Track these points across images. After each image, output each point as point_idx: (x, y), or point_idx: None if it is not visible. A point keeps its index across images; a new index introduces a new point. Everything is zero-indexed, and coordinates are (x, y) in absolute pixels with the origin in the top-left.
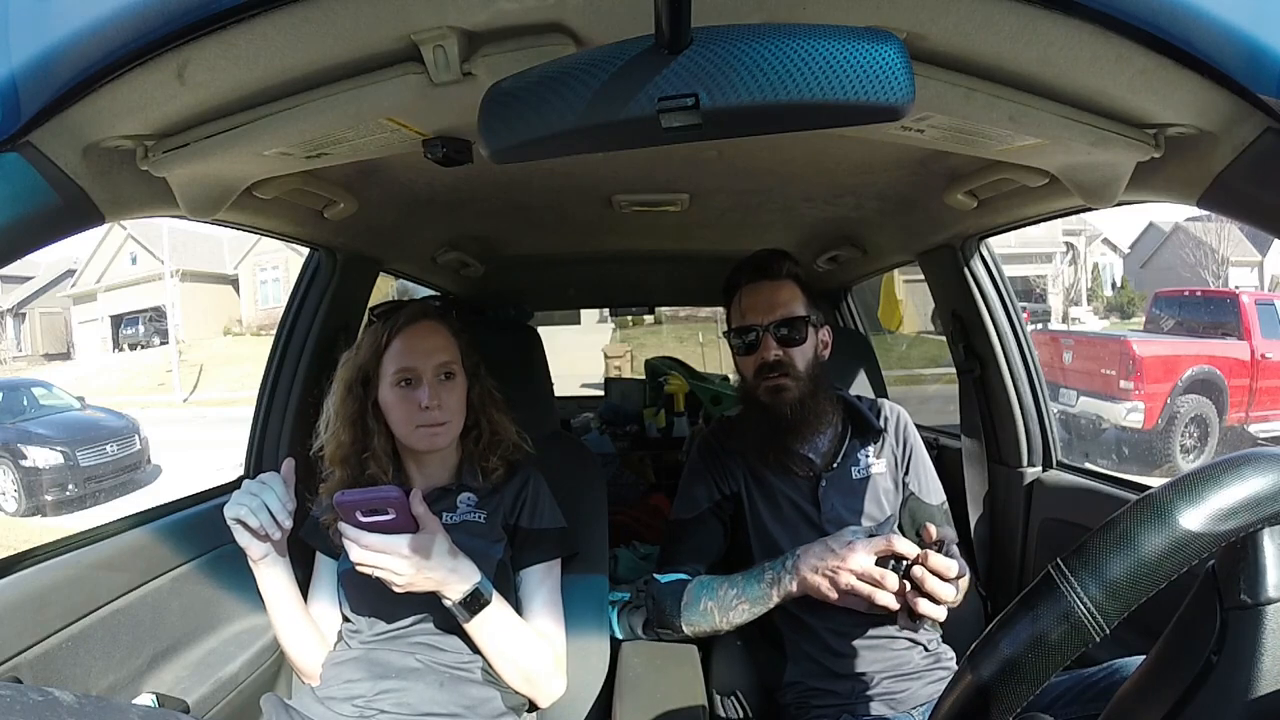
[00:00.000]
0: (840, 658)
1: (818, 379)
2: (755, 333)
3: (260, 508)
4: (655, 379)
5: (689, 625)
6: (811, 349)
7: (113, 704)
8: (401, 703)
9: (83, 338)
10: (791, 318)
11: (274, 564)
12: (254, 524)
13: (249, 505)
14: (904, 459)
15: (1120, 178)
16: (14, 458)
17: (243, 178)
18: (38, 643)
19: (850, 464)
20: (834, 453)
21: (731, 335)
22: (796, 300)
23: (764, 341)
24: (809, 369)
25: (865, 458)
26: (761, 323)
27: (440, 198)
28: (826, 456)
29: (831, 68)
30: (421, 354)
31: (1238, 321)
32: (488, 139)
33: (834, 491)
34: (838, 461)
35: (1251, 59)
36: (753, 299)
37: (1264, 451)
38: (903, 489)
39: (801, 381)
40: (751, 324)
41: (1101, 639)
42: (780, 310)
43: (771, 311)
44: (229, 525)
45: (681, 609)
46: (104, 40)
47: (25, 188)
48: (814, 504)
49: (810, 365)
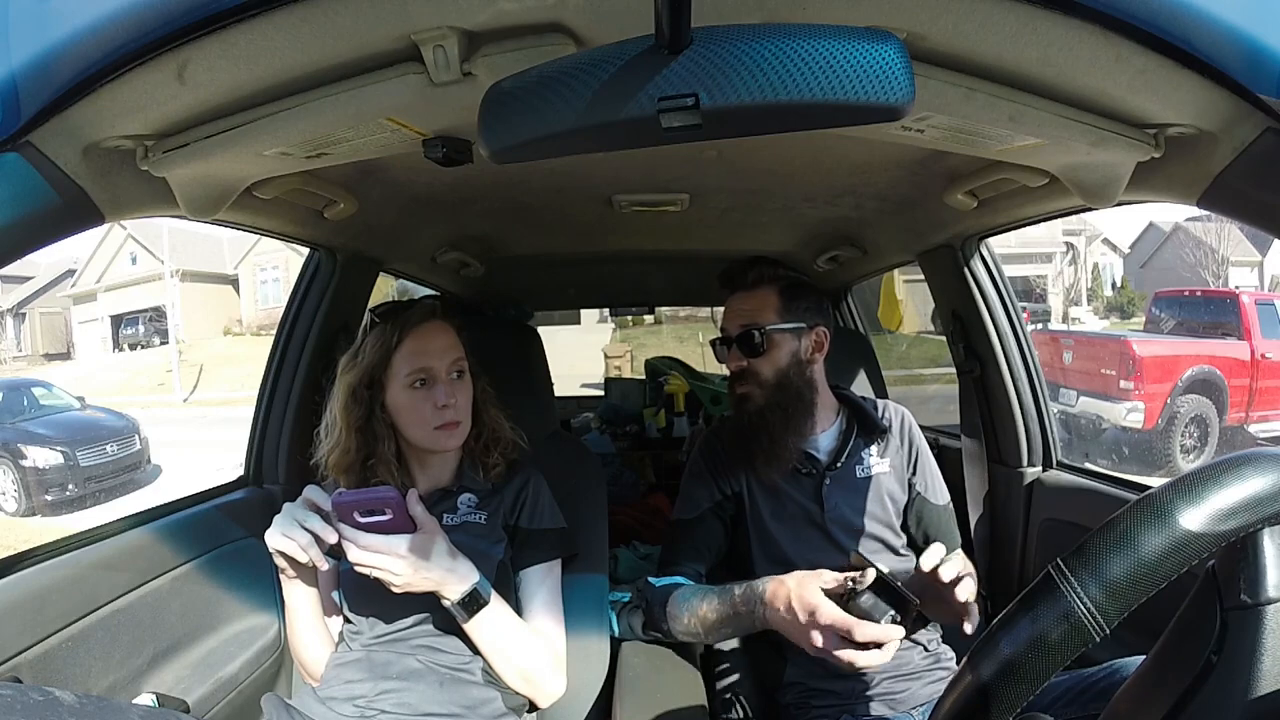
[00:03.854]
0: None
1: (790, 386)
2: (722, 343)
3: (311, 543)
4: (655, 379)
5: (678, 634)
6: (784, 357)
7: (113, 704)
8: (402, 703)
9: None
10: (752, 329)
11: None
12: (303, 559)
13: (299, 541)
14: (909, 460)
15: (1120, 178)
16: (14, 457)
17: (243, 178)
18: (38, 643)
19: (854, 463)
20: (839, 451)
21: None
22: (766, 309)
23: (730, 352)
24: (779, 377)
25: (869, 457)
26: (728, 333)
27: (440, 198)
28: (831, 455)
29: (831, 68)
30: (435, 353)
31: (1238, 321)
32: (487, 139)
33: (837, 490)
34: (842, 460)
35: (1251, 59)
36: (727, 309)
37: (1264, 451)
38: (908, 490)
39: (767, 390)
40: (722, 334)
41: (1101, 639)
42: (742, 320)
43: (735, 322)
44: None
45: (668, 617)
46: (104, 40)
47: (25, 188)
48: (817, 503)
49: (780, 373)
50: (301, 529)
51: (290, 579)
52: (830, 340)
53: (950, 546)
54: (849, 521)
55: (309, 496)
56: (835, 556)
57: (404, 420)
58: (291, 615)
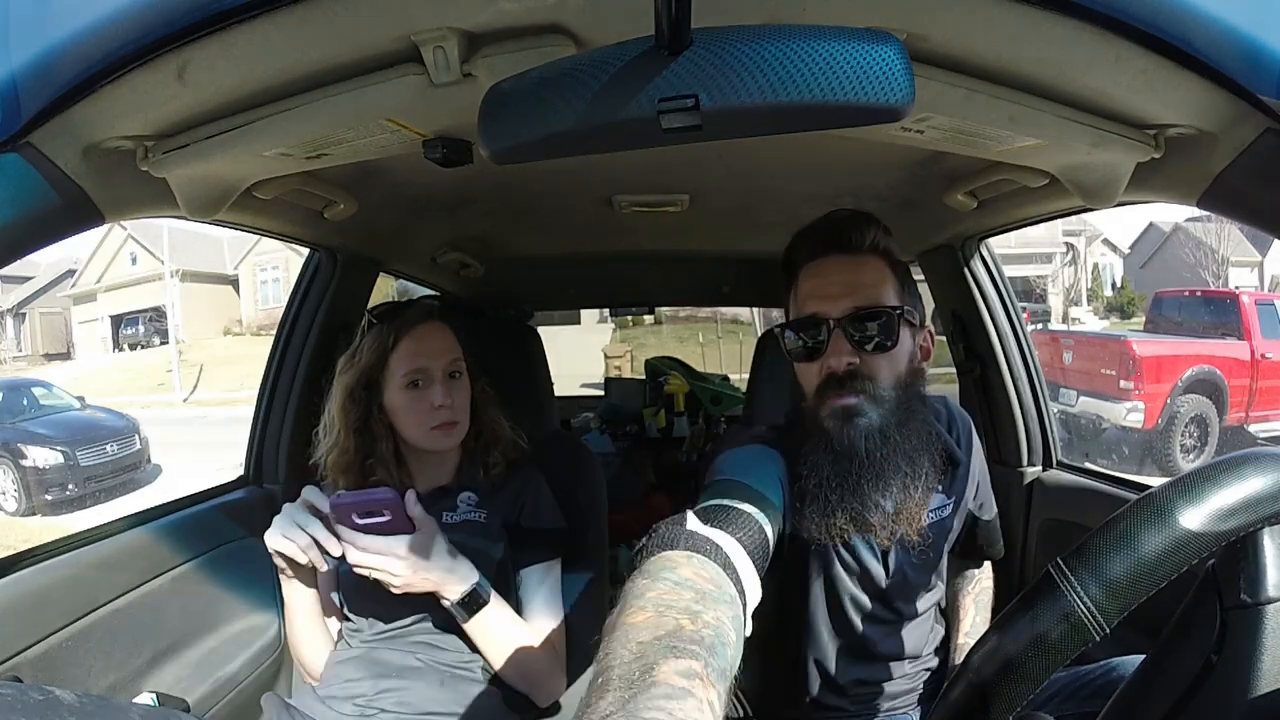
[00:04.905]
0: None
1: (911, 402)
2: (821, 328)
3: (310, 545)
4: (655, 379)
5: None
6: (905, 357)
7: (113, 703)
8: (402, 702)
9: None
10: (876, 308)
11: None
12: (303, 561)
13: (298, 543)
14: (972, 485)
15: (1120, 178)
16: (14, 457)
17: (243, 178)
18: (38, 642)
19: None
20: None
21: (787, 331)
22: (885, 284)
23: (833, 342)
24: (900, 385)
25: (937, 496)
26: (831, 315)
27: (440, 198)
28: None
29: (831, 68)
30: (432, 354)
31: (1238, 321)
32: (487, 140)
33: (903, 550)
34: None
35: (1251, 59)
36: (819, 280)
37: (1264, 451)
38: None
39: (887, 404)
40: (815, 315)
41: (1101, 639)
42: (860, 296)
43: (847, 298)
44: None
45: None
46: (104, 40)
47: (25, 188)
48: (883, 567)
49: (902, 380)
50: (301, 531)
51: (289, 579)
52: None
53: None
54: (910, 584)
55: (308, 498)
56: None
57: (401, 421)
58: (291, 614)
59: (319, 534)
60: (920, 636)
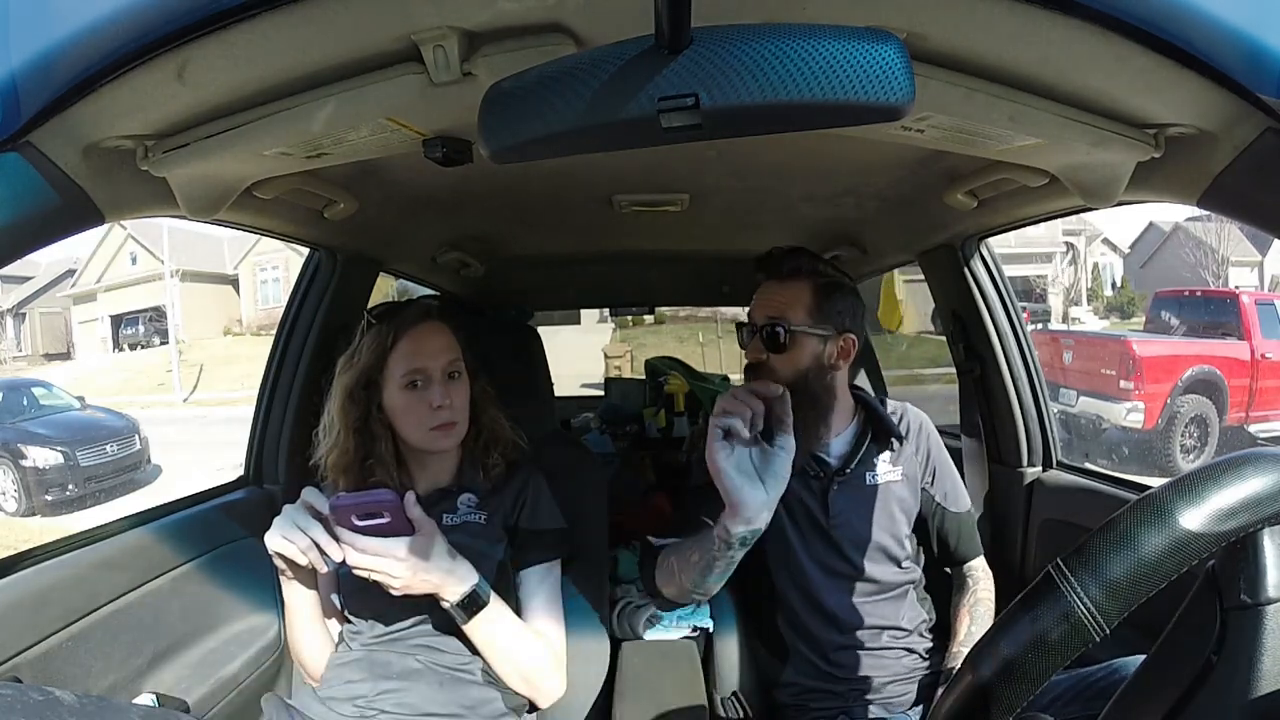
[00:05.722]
0: (838, 659)
1: (807, 390)
2: (745, 331)
3: (310, 547)
4: (655, 379)
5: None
6: (806, 358)
7: (113, 704)
8: (402, 703)
9: (83, 338)
10: (778, 324)
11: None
12: (303, 562)
13: (298, 545)
14: (926, 467)
15: (1120, 178)
16: (14, 458)
17: (243, 178)
18: (38, 643)
19: (865, 469)
20: (849, 457)
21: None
22: (797, 305)
23: (752, 342)
24: (796, 378)
25: (881, 464)
26: (756, 322)
27: (440, 198)
28: (841, 460)
29: (831, 68)
30: (430, 354)
31: (1238, 321)
32: (487, 139)
33: (844, 496)
34: (852, 466)
35: (1251, 59)
36: (756, 297)
37: (1264, 451)
38: (927, 501)
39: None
40: (748, 321)
41: (1101, 639)
42: (770, 312)
43: (763, 312)
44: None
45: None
46: (104, 40)
47: (25, 188)
48: (823, 508)
49: (798, 374)
50: (301, 533)
51: (289, 580)
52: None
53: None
54: (854, 529)
55: (307, 499)
56: (842, 563)
57: (400, 421)
58: (291, 615)
59: (319, 536)
60: (893, 607)
